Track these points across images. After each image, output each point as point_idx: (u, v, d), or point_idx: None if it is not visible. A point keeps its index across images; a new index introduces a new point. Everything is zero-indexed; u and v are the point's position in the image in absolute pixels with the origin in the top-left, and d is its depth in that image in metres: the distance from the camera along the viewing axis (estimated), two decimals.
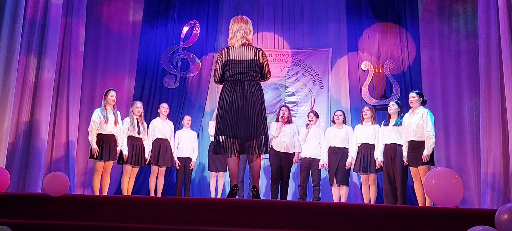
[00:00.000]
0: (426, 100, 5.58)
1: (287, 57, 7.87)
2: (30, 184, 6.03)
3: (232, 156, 4.14)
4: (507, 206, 2.80)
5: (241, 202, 4.00)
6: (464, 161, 6.74)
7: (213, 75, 4.31)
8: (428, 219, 3.33)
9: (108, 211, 3.61)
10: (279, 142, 6.42)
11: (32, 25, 6.23)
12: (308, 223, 3.37)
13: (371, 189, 6.10)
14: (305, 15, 7.96)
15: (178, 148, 6.70)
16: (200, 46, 8.02)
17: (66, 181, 3.95)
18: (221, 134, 4.13)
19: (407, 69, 7.31)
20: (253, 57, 4.13)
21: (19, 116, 6.15)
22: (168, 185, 7.23)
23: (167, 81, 7.85)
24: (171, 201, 3.81)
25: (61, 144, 6.86)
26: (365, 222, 3.36)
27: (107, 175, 5.91)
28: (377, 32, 7.53)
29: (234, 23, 4.24)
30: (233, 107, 4.07)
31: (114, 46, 7.88)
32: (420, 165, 5.32)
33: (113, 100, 5.92)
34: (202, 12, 8.07)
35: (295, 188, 7.29)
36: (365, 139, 6.11)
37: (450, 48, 7.14)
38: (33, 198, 3.95)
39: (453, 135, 6.89)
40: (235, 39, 4.18)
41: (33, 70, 6.26)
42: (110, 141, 5.82)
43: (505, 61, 5.43)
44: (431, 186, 3.67)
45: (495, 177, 5.53)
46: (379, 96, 7.35)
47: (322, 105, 7.64)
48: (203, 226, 3.36)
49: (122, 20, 7.99)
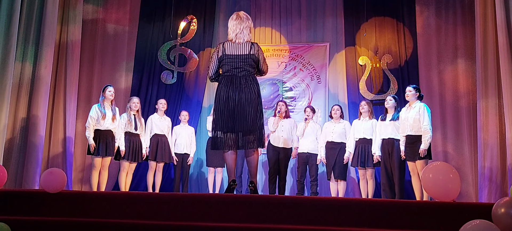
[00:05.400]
0: (423, 95, 5.59)
1: (285, 52, 7.85)
2: (27, 180, 6.02)
3: (230, 151, 4.15)
4: (504, 200, 2.81)
5: (239, 198, 4.01)
6: (461, 155, 6.76)
7: (207, 72, 4.31)
8: (426, 213, 3.34)
9: (106, 207, 3.61)
10: (276, 136, 6.42)
11: (28, 20, 6.21)
12: (306, 218, 3.38)
13: (368, 184, 6.11)
14: (303, 10, 7.94)
15: (175, 143, 6.70)
16: (197, 42, 8.00)
17: (64, 177, 3.95)
18: (218, 129, 4.14)
19: (405, 63, 7.31)
20: (249, 51, 4.14)
21: (16, 112, 6.13)
22: (166, 181, 7.23)
23: (164, 77, 7.84)
24: (169, 197, 3.81)
25: (59, 140, 6.85)
26: (363, 217, 3.37)
27: (105, 171, 5.91)
28: (374, 27, 7.51)
29: (233, 20, 4.24)
30: (229, 102, 4.08)
31: (111, 42, 7.85)
32: (417, 159, 5.34)
33: (112, 96, 5.91)
34: (199, 8, 8.04)
35: (293, 183, 7.30)
36: (362, 133, 6.12)
37: (447, 43, 7.14)
38: (31, 195, 3.95)
39: (450, 129, 6.90)
40: (234, 35, 4.18)
41: (30, 66, 6.24)
42: (107, 136, 5.81)
43: (502, 55, 5.44)
44: (429, 180, 3.68)
45: (492, 171, 5.56)
46: (377, 91, 7.35)
47: (320, 100, 7.64)
48: (201, 221, 3.36)
49: (119, 15, 7.95)
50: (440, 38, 7.19)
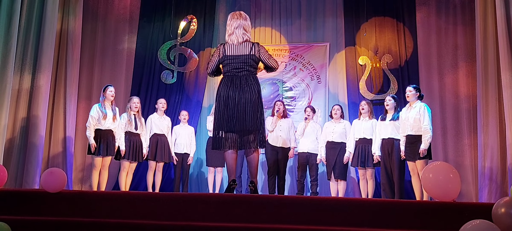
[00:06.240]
0: (423, 95, 5.59)
1: (285, 52, 7.85)
2: (27, 180, 6.02)
3: (230, 151, 4.15)
4: (505, 200, 2.81)
5: (239, 197, 4.01)
6: (461, 154, 6.76)
7: (207, 67, 4.34)
8: (426, 213, 3.34)
9: (106, 207, 3.61)
10: (275, 136, 6.43)
11: (28, 20, 6.20)
12: (306, 218, 3.38)
13: (368, 184, 6.11)
14: (303, 10, 7.93)
15: (175, 143, 6.70)
16: (197, 41, 8.00)
17: (64, 177, 3.95)
18: (219, 129, 4.16)
19: (405, 63, 7.31)
20: (249, 52, 4.15)
21: (16, 112, 6.13)
22: (166, 181, 7.23)
23: (164, 76, 7.83)
24: (169, 197, 3.81)
25: (59, 140, 6.84)
26: (363, 217, 3.37)
27: (105, 170, 5.91)
28: (374, 27, 7.51)
29: (233, 19, 4.24)
30: (229, 102, 4.09)
31: (111, 42, 7.85)
32: (417, 159, 5.33)
33: (112, 96, 5.92)
34: (199, 7, 8.04)
35: (292, 183, 7.30)
36: (362, 133, 6.12)
37: (447, 42, 7.14)
38: (31, 194, 3.95)
39: (451, 129, 6.90)
40: (234, 35, 4.19)
41: (30, 66, 6.23)
42: (108, 136, 5.82)
43: (502, 54, 5.44)
44: (429, 180, 3.68)
45: (493, 171, 5.55)
46: (377, 91, 7.35)
47: (320, 100, 7.64)
48: (201, 221, 3.36)
49: (119, 15, 7.95)
50: (440, 38, 7.19)
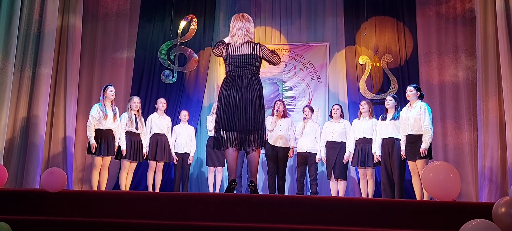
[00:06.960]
0: (423, 94, 5.59)
1: (285, 51, 7.84)
2: (28, 180, 6.03)
3: (231, 150, 4.16)
4: (505, 199, 2.81)
5: (239, 197, 4.01)
6: (461, 154, 6.76)
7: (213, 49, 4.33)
8: (426, 213, 3.34)
9: (106, 207, 3.62)
10: (275, 136, 6.43)
11: (28, 20, 6.21)
12: (306, 217, 3.38)
13: (369, 183, 6.11)
14: (303, 10, 7.93)
15: (176, 143, 6.70)
16: (197, 41, 7.99)
17: (64, 176, 3.95)
18: (220, 128, 4.17)
19: (405, 63, 7.31)
20: (251, 51, 4.17)
21: (16, 112, 6.13)
22: (166, 180, 7.23)
23: (164, 76, 7.83)
24: (169, 196, 3.81)
25: (59, 140, 6.85)
26: (363, 216, 3.37)
27: (105, 170, 5.91)
28: (374, 26, 7.51)
29: (236, 21, 4.27)
30: (231, 102, 4.10)
31: (111, 41, 7.85)
32: (417, 158, 5.33)
33: (113, 95, 5.92)
34: (200, 7, 8.03)
35: (292, 182, 7.29)
36: (362, 133, 6.12)
37: (447, 42, 7.14)
38: (31, 194, 3.95)
39: (451, 129, 6.90)
40: (236, 36, 4.21)
41: (30, 66, 6.24)
42: (108, 136, 5.81)
43: (502, 54, 5.44)
44: (429, 179, 3.68)
45: (493, 170, 5.56)
46: (377, 91, 7.34)
47: (320, 100, 7.63)
48: (201, 221, 3.36)
49: (119, 14, 7.95)
50: (441, 37, 7.19)
